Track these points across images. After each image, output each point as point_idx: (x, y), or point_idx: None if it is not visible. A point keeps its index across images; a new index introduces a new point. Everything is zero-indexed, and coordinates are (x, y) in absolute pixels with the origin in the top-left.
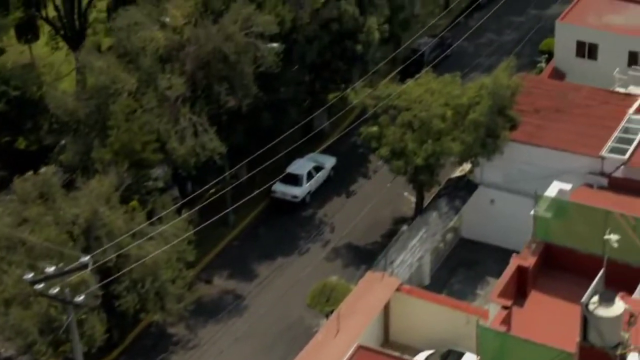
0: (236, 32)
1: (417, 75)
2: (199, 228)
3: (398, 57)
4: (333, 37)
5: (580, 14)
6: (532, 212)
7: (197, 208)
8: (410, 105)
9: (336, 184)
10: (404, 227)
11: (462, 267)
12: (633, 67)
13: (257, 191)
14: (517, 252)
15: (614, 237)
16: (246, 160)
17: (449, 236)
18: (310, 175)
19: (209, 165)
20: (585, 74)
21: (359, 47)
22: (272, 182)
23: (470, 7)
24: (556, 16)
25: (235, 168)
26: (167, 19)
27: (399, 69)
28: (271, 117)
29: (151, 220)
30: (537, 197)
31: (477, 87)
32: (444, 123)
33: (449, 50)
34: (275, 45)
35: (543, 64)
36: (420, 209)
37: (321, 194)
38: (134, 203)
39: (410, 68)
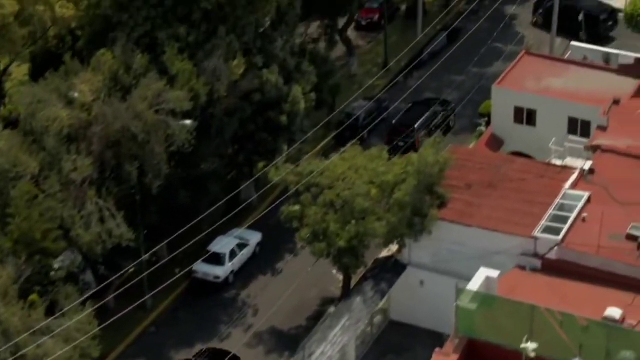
0: (145, 110)
1: (342, 150)
2: (109, 322)
3: (333, 122)
4: (256, 108)
5: (518, 77)
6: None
7: (108, 298)
8: (333, 184)
9: (262, 262)
10: (331, 309)
11: (391, 352)
12: (569, 137)
13: (178, 274)
14: (449, 336)
15: (531, 347)
16: (166, 241)
17: (378, 319)
18: (233, 254)
19: (124, 248)
20: (525, 141)
21: (284, 118)
22: (194, 262)
23: (409, 65)
24: (499, 74)
25: (153, 250)
26: (76, 94)
27: (333, 134)
28: (189, 195)
29: (55, 317)
30: (458, 291)
31: (404, 163)
32: (369, 202)
33: (385, 114)
34: (188, 122)
35: (483, 128)
36: (348, 289)
37: (245, 273)
38: (34, 296)
39: (345, 133)
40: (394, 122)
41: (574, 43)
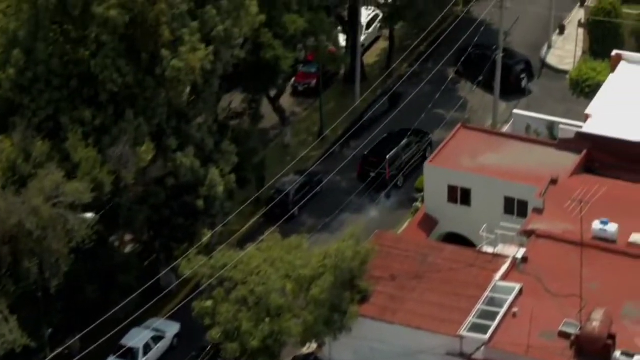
0: (42, 204)
1: (260, 239)
2: None
3: (262, 198)
4: (170, 193)
5: (452, 153)
6: None
7: None
8: (247, 278)
9: (179, 355)
10: None
11: None
12: (502, 224)
13: None
14: None
15: None
16: (75, 338)
17: None
18: (147, 348)
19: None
20: (459, 221)
21: (200, 202)
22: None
23: (346, 133)
24: (440, 142)
25: (57, 351)
26: None
27: (262, 212)
28: (97, 289)
29: None
30: None
31: (322, 256)
32: (284, 298)
33: (318, 188)
34: (88, 215)
35: (419, 204)
36: None
37: None
38: None
39: (274, 210)
40: (365, 152)
41: (516, 111)
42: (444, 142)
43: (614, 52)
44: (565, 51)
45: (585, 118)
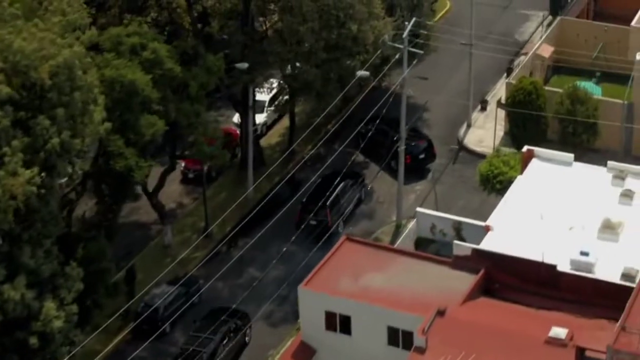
0: None
1: None
2: None
3: (132, 310)
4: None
5: (332, 272)
6: None
7: None
8: None
9: None
10: None
11: None
12: None
13: None
14: None
15: None
16: None
17: None
18: None
19: None
20: (339, 351)
21: (34, 340)
22: None
23: (234, 230)
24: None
25: None
26: None
27: (129, 329)
28: None
29: None
30: None
31: None
32: None
33: (195, 298)
34: None
35: None
36: None
37: None
38: None
39: (142, 327)
40: (304, 200)
41: (419, 209)
42: (324, 259)
43: (525, 148)
44: (486, 130)
45: (485, 230)
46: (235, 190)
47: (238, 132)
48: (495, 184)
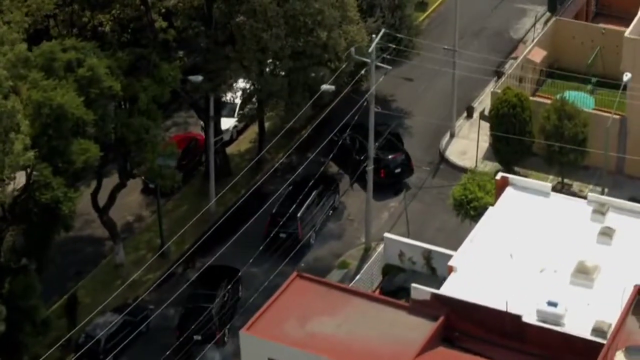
0: None
1: None
2: None
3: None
4: None
5: (277, 316)
6: None
7: None
8: None
9: None
10: None
11: None
12: None
13: None
14: None
15: None
16: None
17: None
18: None
19: None
20: None
21: None
22: None
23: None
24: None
25: None
26: None
27: None
28: None
29: None
30: None
31: None
32: None
33: (143, 327)
34: None
35: None
36: None
37: None
38: None
39: None
40: (273, 211)
41: (387, 234)
42: (271, 299)
43: (499, 175)
44: (470, 140)
45: (448, 271)
46: (199, 203)
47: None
48: (469, 210)
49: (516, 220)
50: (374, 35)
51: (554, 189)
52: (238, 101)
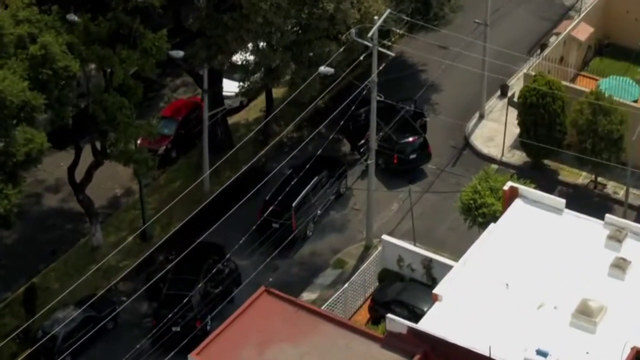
0: None
1: None
2: None
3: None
4: None
5: (234, 339)
6: None
7: None
8: None
9: None
10: None
11: None
12: None
13: None
14: None
15: None
16: None
17: None
18: None
19: None
20: None
21: None
22: None
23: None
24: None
25: None
26: None
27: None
28: None
29: None
30: None
31: None
32: None
33: (109, 323)
34: None
35: None
36: None
37: None
38: None
39: (39, 357)
40: (267, 198)
41: (385, 237)
42: (231, 318)
43: (508, 185)
44: (501, 124)
45: (433, 299)
46: (195, 177)
47: None
48: (478, 217)
49: (520, 240)
50: (376, 18)
51: (587, 188)
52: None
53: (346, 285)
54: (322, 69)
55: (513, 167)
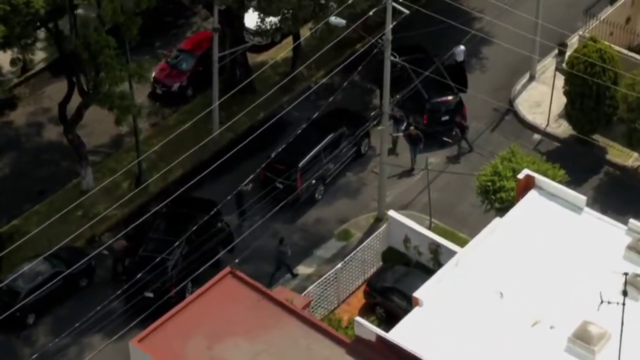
0: None
1: None
2: None
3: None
4: None
5: (184, 328)
6: None
7: None
8: None
9: None
10: None
11: None
12: None
13: None
14: None
15: None
16: None
17: None
18: None
19: None
20: None
21: None
22: None
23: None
24: None
25: None
26: None
27: None
28: None
29: None
30: None
31: None
32: None
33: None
34: None
35: None
36: None
37: None
38: None
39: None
40: (273, 154)
41: (392, 213)
42: (184, 302)
43: (524, 173)
44: (551, 88)
45: (413, 303)
46: (206, 122)
47: None
48: (494, 201)
49: (526, 241)
50: None
51: (637, 172)
52: None
53: (339, 265)
54: (333, 19)
55: (557, 140)
